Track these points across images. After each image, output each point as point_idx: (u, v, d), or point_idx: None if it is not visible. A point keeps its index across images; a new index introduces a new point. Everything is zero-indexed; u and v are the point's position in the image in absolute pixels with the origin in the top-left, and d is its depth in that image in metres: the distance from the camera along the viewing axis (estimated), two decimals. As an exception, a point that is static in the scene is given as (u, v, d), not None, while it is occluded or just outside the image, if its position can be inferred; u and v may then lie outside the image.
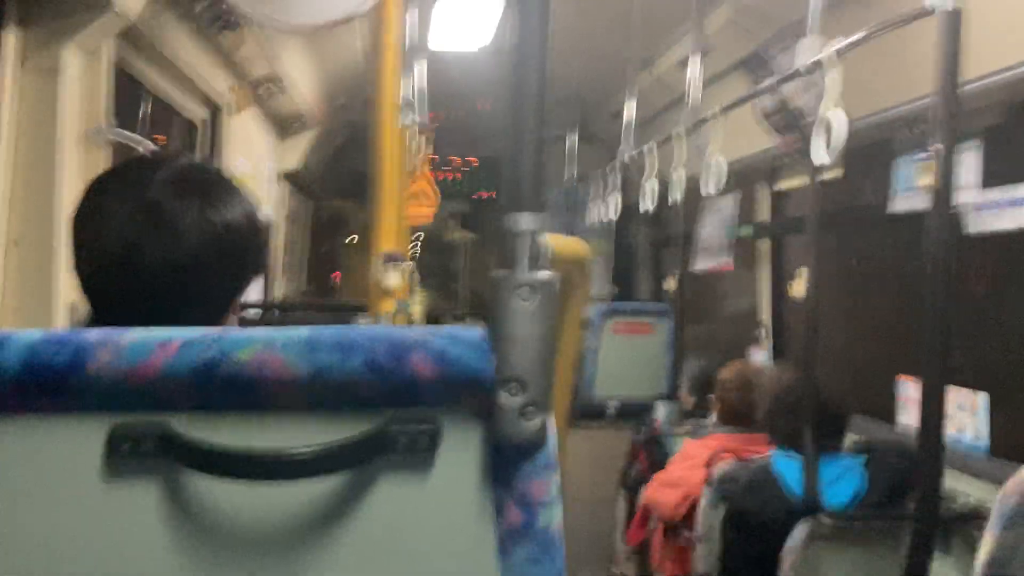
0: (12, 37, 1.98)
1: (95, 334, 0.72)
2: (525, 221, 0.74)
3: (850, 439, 2.69)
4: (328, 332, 0.72)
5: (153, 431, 0.71)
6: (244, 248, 1.12)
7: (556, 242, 0.76)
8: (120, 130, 2.32)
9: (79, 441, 0.72)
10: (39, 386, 0.70)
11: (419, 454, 0.73)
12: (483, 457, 0.74)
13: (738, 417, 3.15)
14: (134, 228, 1.04)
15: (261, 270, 1.18)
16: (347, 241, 6.87)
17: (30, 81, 2.03)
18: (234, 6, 2.59)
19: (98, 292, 1.08)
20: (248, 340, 0.71)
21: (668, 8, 3.48)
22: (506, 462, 0.74)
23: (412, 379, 0.72)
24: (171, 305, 1.05)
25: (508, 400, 0.72)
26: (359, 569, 0.74)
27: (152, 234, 1.04)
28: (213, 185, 1.11)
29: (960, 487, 2.46)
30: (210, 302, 1.10)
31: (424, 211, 4.29)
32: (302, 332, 0.72)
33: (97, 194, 1.10)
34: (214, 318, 1.10)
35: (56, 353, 0.70)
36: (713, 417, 3.32)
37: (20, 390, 0.70)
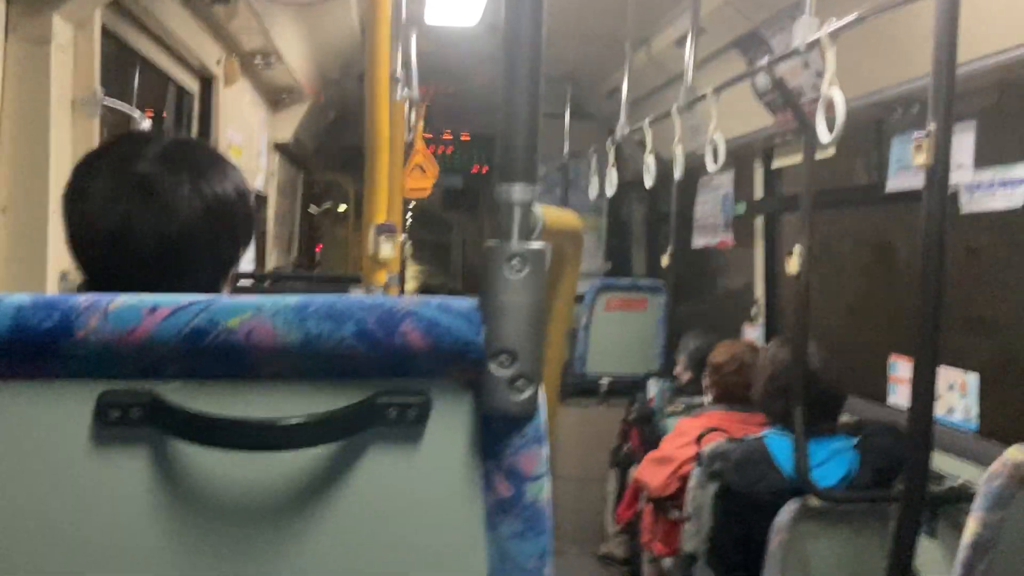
0: (1, 5, 1.96)
1: (83, 299, 0.71)
2: (517, 191, 0.74)
3: (842, 419, 2.70)
4: (319, 300, 0.72)
5: (141, 398, 0.70)
6: (234, 220, 1.14)
7: (548, 214, 0.76)
8: (111, 99, 2.30)
9: (67, 407, 0.71)
10: (27, 351, 0.70)
11: (409, 425, 0.73)
12: (473, 429, 0.74)
13: (733, 395, 3.17)
14: (126, 202, 1.06)
15: (250, 242, 1.19)
16: (324, 209, 6.80)
17: (19, 49, 2.01)
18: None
19: (92, 265, 1.10)
20: (238, 307, 0.71)
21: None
22: (495, 434, 0.74)
23: (403, 349, 0.71)
24: (164, 278, 1.06)
25: (498, 371, 0.72)
26: (347, 539, 0.74)
27: (144, 208, 1.06)
28: (203, 159, 1.13)
29: (948, 468, 2.47)
30: (202, 274, 1.11)
31: (422, 184, 4.28)
32: (292, 300, 0.72)
33: (88, 169, 1.11)
34: (208, 290, 1.11)
35: (44, 318, 0.70)
36: (708, 396, 3.33)
37: (7, 355, 0.70)
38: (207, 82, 3.54)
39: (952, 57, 1.78)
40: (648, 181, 3.85)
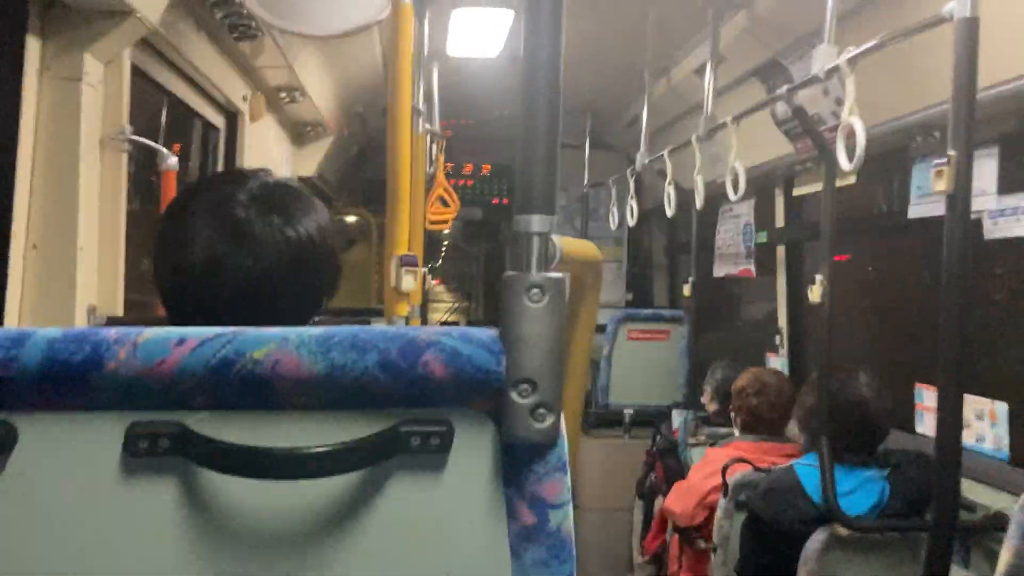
0: (34, 45, 2.01)
1: (113, 332, 0.72)
2: (536, 222, 0.75)
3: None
4: (342, 332, 0.73)
5: (170, 429, 0.72)
6: (319, 262, 1.17)
7: (567, 244, 0.76)
8: (138, 137, 2.34)
9: (97, 438, 0.72)
10: (58, 383, 0.71)
11: (431, 454, 0.73)
12: (495, 457, 0.75)
13: (759, 421, 3.15)
14: (218, 244, 1.10)
15: (335, 284, 1.21)
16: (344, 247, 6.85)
17: (51, 88, 2.06)
18: (254, 14, 2.62)
19: (178, 305, 1.14)
20: (263, 339, 0.72)
21: (682, 19, 3.49)
22: (518, 463, 0.75)
23: (425, 378, 0.72)
24: (251, 318, 1.07)
25: (519, 400, 0.73)
26: (371, 567, 0.74)
27: (235, 248, 1.09)
28: (292, 201, 1.16)
29: (981, 497, 2.43)
30: (289, 314, 1.14)
31: (445, 216, 4.31)
32: (316, 331, 0.73)
33: (182, 211, 1.15)
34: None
35: (75, 351, 0.71)
36: (736, 425, 3.31)
37: (39, 387, 0.71)
38: (232, 117, 3.60)
39: (972, 83, 1.78)
40: (669, 211, 3.86)
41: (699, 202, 3.63)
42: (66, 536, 0.73)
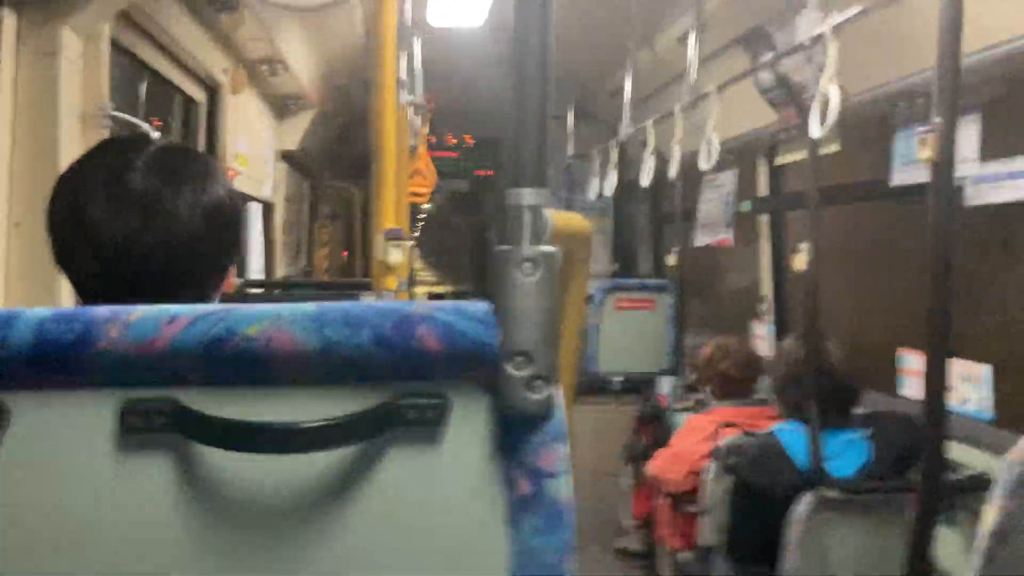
0: (10, 19, 1.98)
1: (103, 311, 0.72)
2: (527, 196, 0.75)
3: (855, 411, 2.70)
4: (335, 307, 0.73)
5: (164, 406, 0.72)
6: (234, 223, 1.14)
7: (557, 217, 0.77)
8: (118, 113, 2.31)
9: (91, 416, 0.72)
10: (50, 362, 0.71)
11: (428, 427, 0.74)
12: (491, 429, 0.75)
13: (730, 385, 3.22)
14: (128, 219, 1.05)
15: (240, 248, 1.19)
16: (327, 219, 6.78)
17: (29, 63, 2.03)
18: (232, -14, 2.58)
19: (95, 285, 1.08)
20: (256, 316, 0.72)
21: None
22: (515, 433, 0.75)
23: (419, 353, 0.72)
24: (168, 288, 1.06)
25: (514, 372, 0.73)
26: (369, 541, 0.75)
27: (147, 223, 1.05)
28: (194, 165, 1.12)
29: (965, 457, 2.47)
30: (202, 282, 1.12)
31: (421, 190, 4.30)
32: (310, 307, 0.73)
33: (80, 188, 1.09)
34: (205, 298, 1.12)
35: (66, 330, 0.71)
36: (707, 392, 3.38)
37: (31, 366, 0.71)
38: (213, 91, 3.56)
39: (957, 49, 1.78)
40: (645, 180, 3.86)
41: (673, 171, 3.63)
42: (62, 514, 0.73)
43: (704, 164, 3.10)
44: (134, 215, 1.05)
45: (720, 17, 3.29)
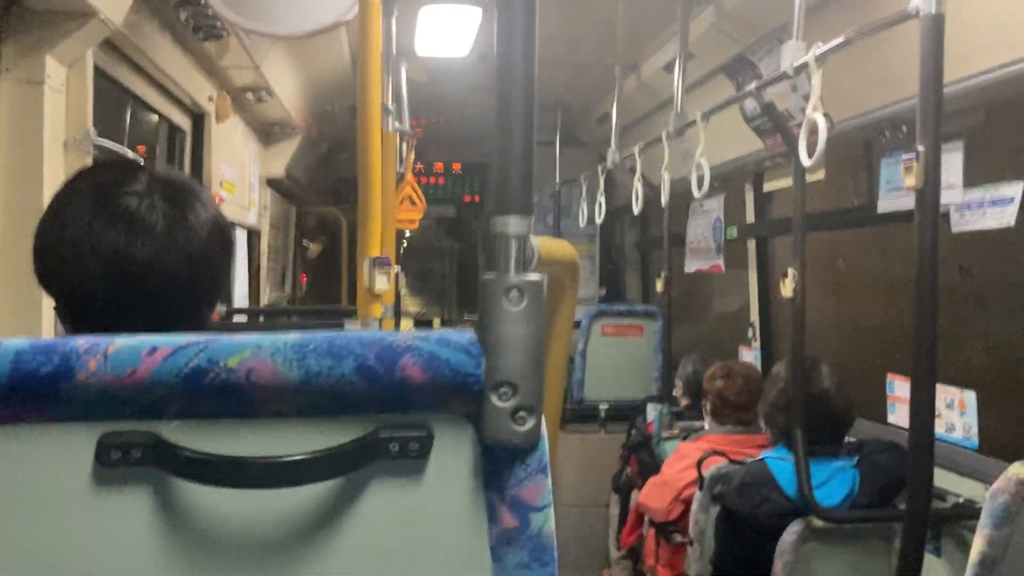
0: (-6, 47, 1.97)
1: (82, 342, 0.71)
2: (513, 224, 0.74)
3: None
4: (318, 337, 0.72)
5: (142, 439, 0.70)
6: (222, 248, 1.14)
7: (544, 244, 0.76)
8: (103, 139, 2.31)
9: (68, 450, 0.71)
10: (27, 395, 0.70)
11: (411, 459, 0.73)
12: (475, 461, 0.74)
13: (727, 408, 3.19)
14: (115, 240, 1.04)
15: (230, 270, 1.19)
16: (321, 250, 6.75)
17: (12, 90, 2.02)
18: (219, 15, 2.58)
19: (78, 306, 1.08)
20: (237, 346, 0.71)
21: (651, 14, 3.49)
22: (498, 466, 0.74)
23: (403, 383, 0.71)
24: (155, 312, 1.05)
25: (499, 403, 0.72)
26: (352, 574, 0.74)
27: (132, 245, 1.04)
28: (185, 191, 1.12)
29: (950, 485, 2.47)
30: (192, 306, 1.11)
31: (411, 216, 4.31)
32: (291, 338, 0.72)
33: (66, 208, 1.08)
34: (196, 321, 1.11)
35: (44, 362, 0.70)
36: (707, 419, 3.34)
37: (7, 399, 0.70)
38: (199, 118, 3.56)
39: (939, 78, 1.80)
40: (636, 208, 3.88)
41: (664, 198, 3.65)
42: (39, 549, 0.71)
43: (696, 192, 3.12)
44: (121, 233, 1.05)
45: (705, 45, 3.32)
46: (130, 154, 2.46)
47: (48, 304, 2.00)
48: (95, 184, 1.09)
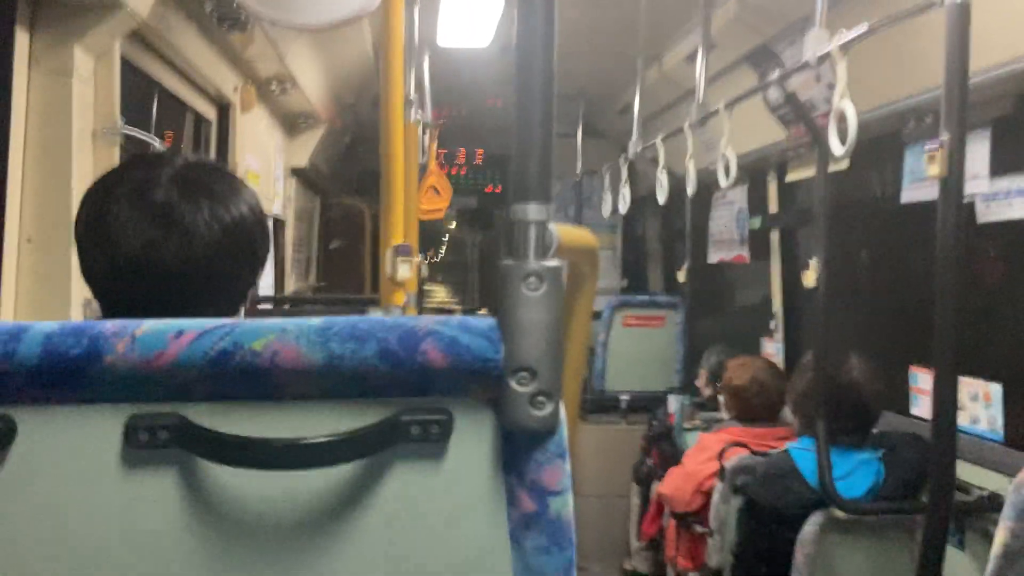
0: (23, 38, 2.00)
1: (110, 325, 0.73)
2: (532, 211, 0.75)
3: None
4: (341, 322, 0.73)
5: (169, 421, 0.72)
6: (253, 241, 1.16)
7: (563, 232, 0.77)
8: (131, 128, 2.33)
9: (97, 431, 0.73)
10: (56, 377, 0.71)
11: (432, 442, 0.74)
12: (495, 445, 0.75)
13: (753, 416, 3.16)
14: (148, 230, 1.07)
15: (265, 263, 1.21)
16: (330, 246, 6.79)
17: (41, 82, 2.05)
18: (243, 6, 2.60)
19: (114, 295, 1.11)
20: (262, 330, 0.72)
21: (674, 5, 3.48)
22: (518, 450, 0.75)
23: (424, 367, 0.72)
24: (186, 303, 1.07)
25: (518, 388, 0.73)
26: (373, 556, 0.75)
27: (166, 235, 1.07)
28: (218, 182, 1.14)
29: (975, 478, 2.45)
30: (223, 297, 1.13)
31: (437, 205, 4.31)
32: (315, 322, 0.73)
33: (104, 199, 1.11)
34: (229, 311, 1.12)
35: (73, 344, 0.71)
36: (725, 413, 3.33)
37: (38, 381, 0.71)
38: (224, 109, 3.58)
39: (964, 67, 1.78)
40: (661, 198, 3.87)
41: (690, 189, 3.63)
42: (68, 529, 0.73)
43: (723, 181, 3.10)
44: (153, 226, 1.07)
45: (728, 35, 3.30)
46: (157, 143, 2.49)
47: (77, 291, 2.04)
48: (127, 179, 1.12)
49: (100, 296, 1.12)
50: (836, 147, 2.17)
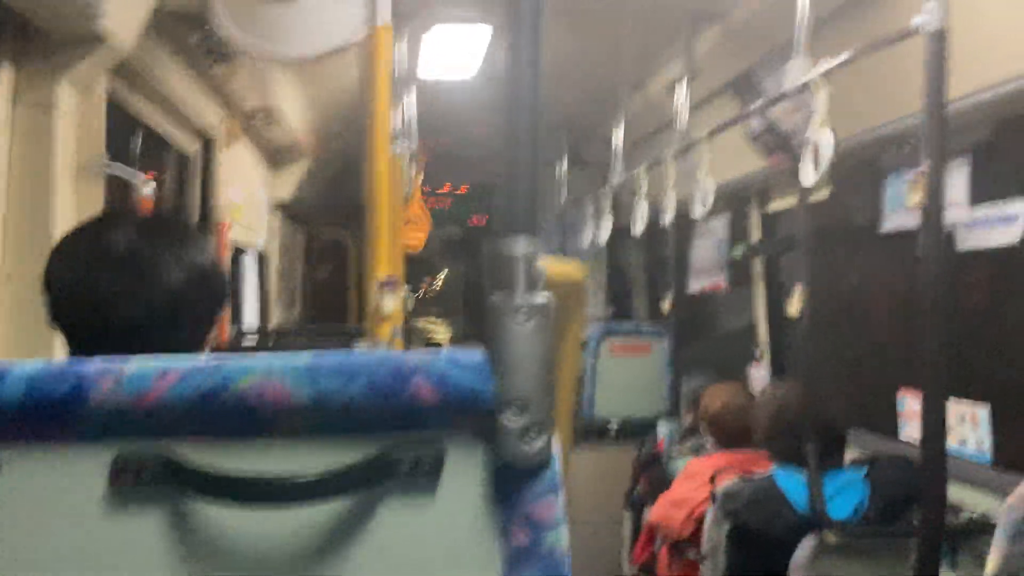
0: (8, 73, 1.99)
1: (95, 365, 0.72)
2: (520, 244, 0.75)
3: (852, 454, 2.69)
4: (329, 358, 0.73)
5: (156, 458, 0.71)
6: (212, 288, 1.21)
7: (551, 265, 0.77)
8: (114, 163, 2.32)
9: (83, 470, 0.72)
10: (40, 417, 0.71)
11: (423, 477, 0.73)
12: (487, 479, 0.74)
13: (732, 439, 3.16)
14: (109, 274, 1.12)
15: (224, 309, 1.28)
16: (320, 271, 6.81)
17: (24, 117, 2.04)
18: (228, 38, 2.61)
19: (78, 335, 1.15)
20: (248, 368, 0.72)
21: (656, 33, 3.51)
22: (510, 484, 0.74)
23: (414, 403, 0.72)
24: (150, 345, 1.08)
25: (510, 422, 0.72)
26: None
27: (127, 279, 1.12)
28: (179, 232, 1.21)
29: (965, 500, 2.45)
30: (187, 342, 1.17)
31: (417, 235, 4.32)
32: (303, 358, 0.73)
33: (68, 247, 1.18)
34: (191, 351, 1.16)
35: (57, 385, 0.71)
36: (707, 441, 3.34)
37: (22, 421, 0.71)
38: (208, 142, 3.58)
39: (942, 94, 1.80)
40: (638, 228, 3.89)
41: (668, 218, 3.65)
42: (54, 568, 0.72)
43: (699, 210, 3.12)
44: (114, 275, 1.12)
45: (711, 63, 3.33)
46: (141, 178, 2.48)
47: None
48: (90, 231, 1.20)
49: (67, 337, 1.17)
50: (809, 175, 2.18)
